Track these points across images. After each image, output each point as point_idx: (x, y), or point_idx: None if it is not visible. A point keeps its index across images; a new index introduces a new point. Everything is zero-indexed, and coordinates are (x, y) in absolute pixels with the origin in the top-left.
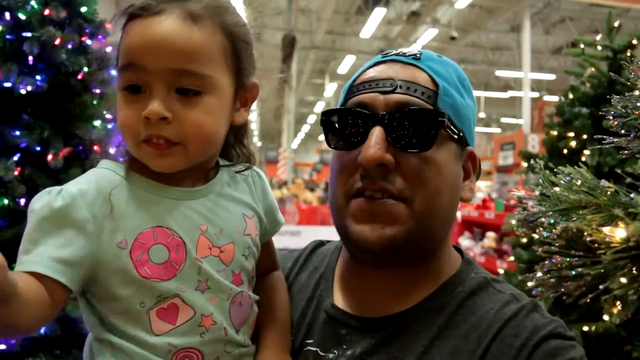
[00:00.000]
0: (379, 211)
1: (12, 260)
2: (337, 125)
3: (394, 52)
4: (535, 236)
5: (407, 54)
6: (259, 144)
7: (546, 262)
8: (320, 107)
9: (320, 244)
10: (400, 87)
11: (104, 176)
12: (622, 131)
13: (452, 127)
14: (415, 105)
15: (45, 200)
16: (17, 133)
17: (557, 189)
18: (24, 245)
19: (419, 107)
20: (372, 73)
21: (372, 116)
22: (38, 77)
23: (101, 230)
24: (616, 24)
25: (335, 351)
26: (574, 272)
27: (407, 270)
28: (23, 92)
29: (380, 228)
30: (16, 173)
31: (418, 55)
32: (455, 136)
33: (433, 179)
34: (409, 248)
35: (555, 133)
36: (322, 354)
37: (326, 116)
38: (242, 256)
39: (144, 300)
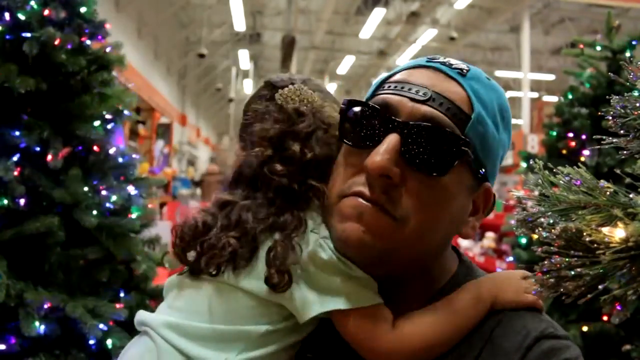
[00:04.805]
0: (367, 213)
1: (12, 260)
2: (354, 119)
3: (441, 59)
4: (535, 236)
5: (453, 66)
6: None
7: (545, 262)
8: None
9: None
10: (433, 99)
11: None
12: (622, 131)
13: (474, 159)
14: (441, 124)
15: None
16: (17, 133)
17: (556, 189)
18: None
19: (444, 128)
20: (408, 75)
21: (392, 121)
22: (38, 78)
23: None
24: (615, 25)
25: None
26: (573, 272)
27: (399, 284)
28: (22, 92)
29: (362, 232)
30: (16, 173)
31: (465, 71)
32: (475, 169)
33: (435, 207)
34: (387, 267)
35: (554, 133)
36: None
37: (348, 106)
38: None
39: None
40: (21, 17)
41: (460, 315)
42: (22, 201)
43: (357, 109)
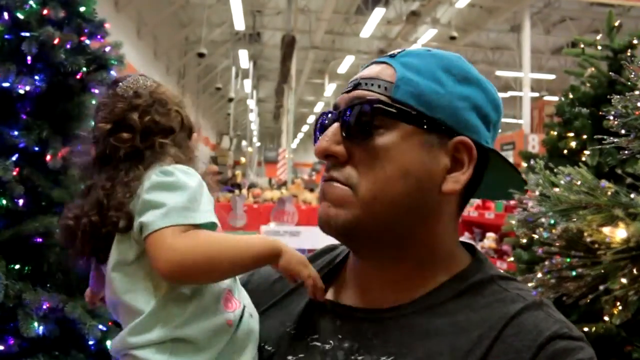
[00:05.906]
0: (327, 191)
1: (11, 260)
2: (319, 127)
3: (387, 53)
4: (536, 236)
5: (388, 54)
6: (258, 144)
7: (546, 263)
8: (319, 107)
9: (334, 247)
10: (360, 84)
11: None
12: (623, 131)
13: (415, 116)
14: (364, 98)
15: None
16: (16, 133)
17: (557, 189)
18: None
19: (363, 99)
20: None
21: (333, 114)
22: (37, 77)
23: None
24: (616, 24)
25: (331, 341)
26: (574, 273)
27: (392, 266)
28: (21, 92)
29: (327, 207)
30: (15, 173)
31: (396, 53)
32: (424, 125)
33: (381, 167)
34: (360, 235)
35: (555, 133)
36: (318, 344)
37: (316, 120)
38: None
39: None
40: (20, 16)
41: (246, 243)
42: (21, 201)
43: (319, 118)
